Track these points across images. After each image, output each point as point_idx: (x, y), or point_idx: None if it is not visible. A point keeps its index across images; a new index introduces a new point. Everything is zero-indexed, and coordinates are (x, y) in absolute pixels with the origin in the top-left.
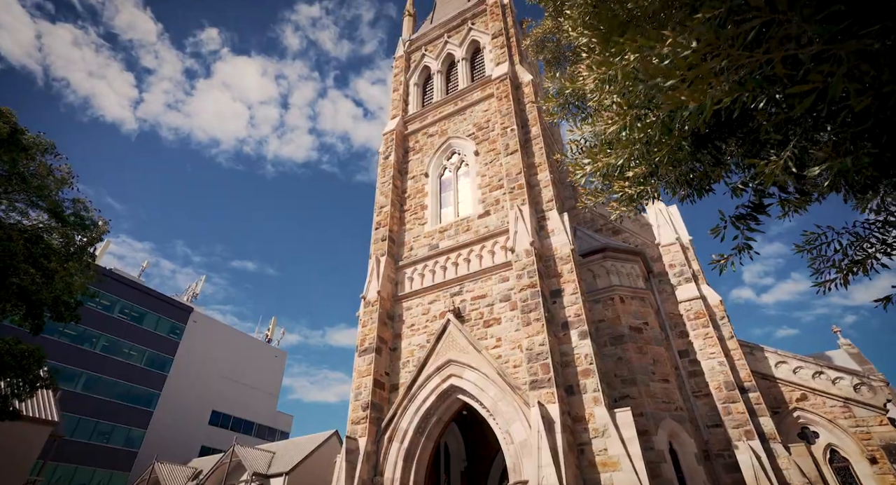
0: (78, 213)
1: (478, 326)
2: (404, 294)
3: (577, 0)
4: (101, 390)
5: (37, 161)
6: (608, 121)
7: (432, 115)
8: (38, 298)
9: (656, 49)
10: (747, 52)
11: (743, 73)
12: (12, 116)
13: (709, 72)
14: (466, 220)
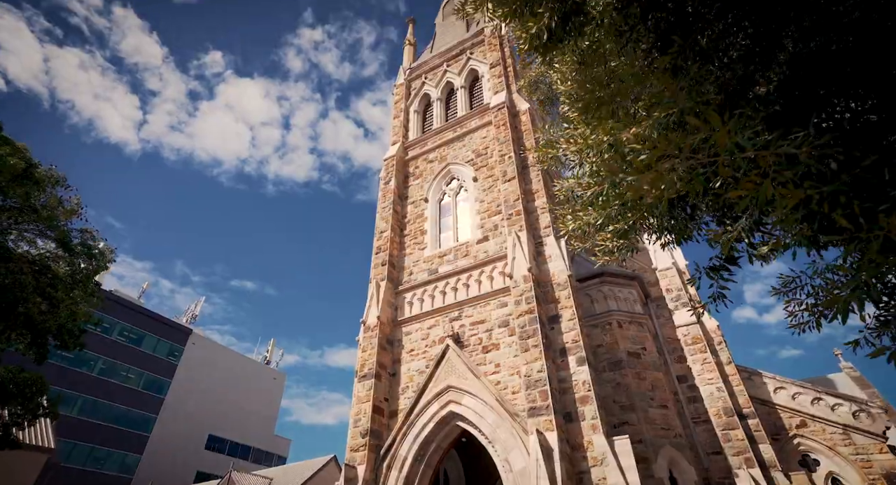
0: (85, 242)
1: (477, 351)
2: (404, 319)
3: (565, 57)
4: (98, 415)
5: (47, 192)
6: (586, 187)
7: (432, 142)
8: (44, 326)
9: (623, 135)
10: (694, 155)
11: (692, 171)
12: (27, 152)
13: (664, 171)
14: (465, 245)
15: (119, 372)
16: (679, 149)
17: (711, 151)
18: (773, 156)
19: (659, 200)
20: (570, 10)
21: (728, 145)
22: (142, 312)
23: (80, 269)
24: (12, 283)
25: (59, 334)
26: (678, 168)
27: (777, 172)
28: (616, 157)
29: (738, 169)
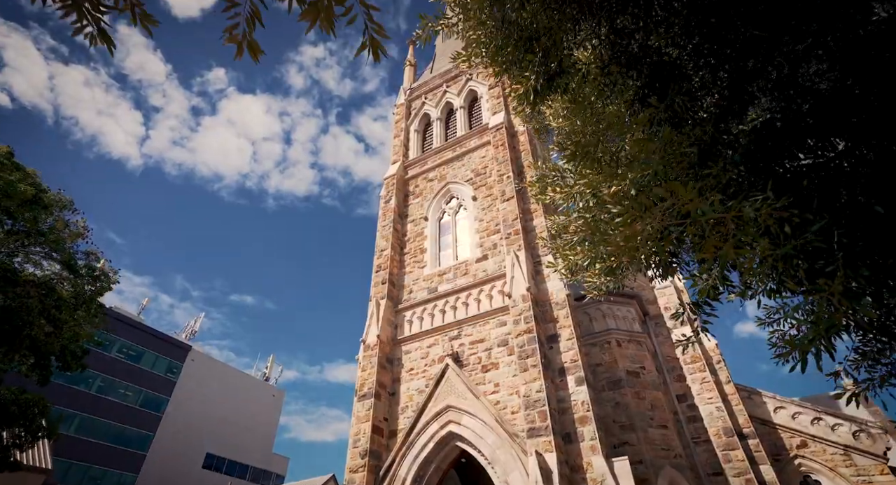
0: (90, 264)
1: (476, 370)
2: (403, 338)
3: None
4: (95, 433)
5: (55, 215)
6: (573, 232)
7: (432, 161)
8: (47, 348)
9: (604, 188)
10: (666, 218)
11: (664, 231)
12: (37, 177)
13: (637, 231)
14: (465, 263)
15: (117, 389)
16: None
17: (683, 210)
18: (734, 220)
19: (636, 250)
20: (553, 72)
21: (694, 213)
22: (141, 329)
23: (84, 290)
24: (19, 306)
25: (61, 356)
26: (651, 228)
27: (739, 231)
28: (598, 211)
29: (704, 230)
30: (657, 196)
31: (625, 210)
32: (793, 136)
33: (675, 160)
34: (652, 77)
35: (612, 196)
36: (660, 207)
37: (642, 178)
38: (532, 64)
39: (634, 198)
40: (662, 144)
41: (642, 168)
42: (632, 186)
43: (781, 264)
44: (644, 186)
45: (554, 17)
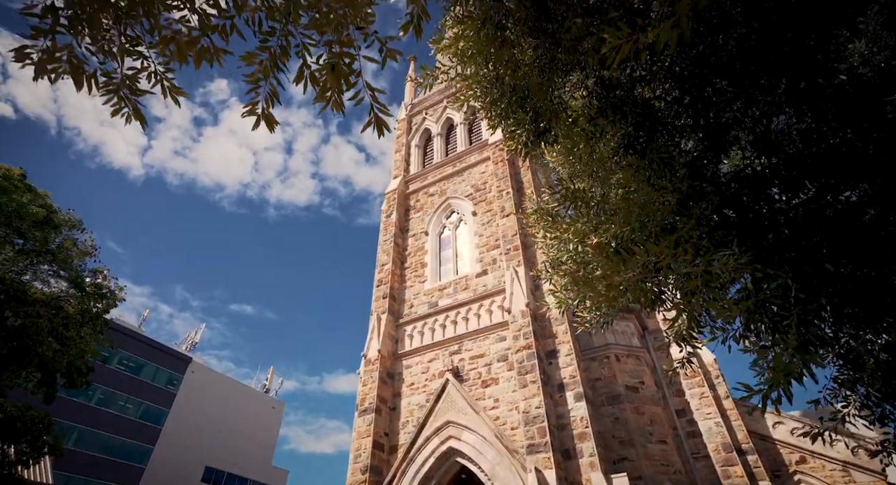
0: (97, 282)
1: (476, 386)
2: (404, 352)
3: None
4: (94, 446)
5: (64, 234)
6: (563, 272)
7: (432, 176)
8: (54, 366)
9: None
10: (644, 271)
11: (640, 283)
12: (47, 198)
13: (616, 283)
14: (465, 278)
15: (117, 402)
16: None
17: (657, 265)
18: (702, 275)
19: (616, 299)
20: (542, 129)
21: (665, 270)
22: (142, 341)
23: (90, 307)
24: (30, 326)
25: (67, 373)
26: (628, 280)
27: (706, 287)
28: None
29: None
30: (632, 253)
31: (605, 264)
32: (762, 185)
33: (655, 209)
34: (637, 125)
35: (596, 247)
36: (637, 261)
37: (622, 232)
38: (523, 122)
39: (615, 252)
40: (641, 200)
41: (622, 224)
42: (613, 240)
43: (744, 317)
44: (624, 239)
45: (545, 72)
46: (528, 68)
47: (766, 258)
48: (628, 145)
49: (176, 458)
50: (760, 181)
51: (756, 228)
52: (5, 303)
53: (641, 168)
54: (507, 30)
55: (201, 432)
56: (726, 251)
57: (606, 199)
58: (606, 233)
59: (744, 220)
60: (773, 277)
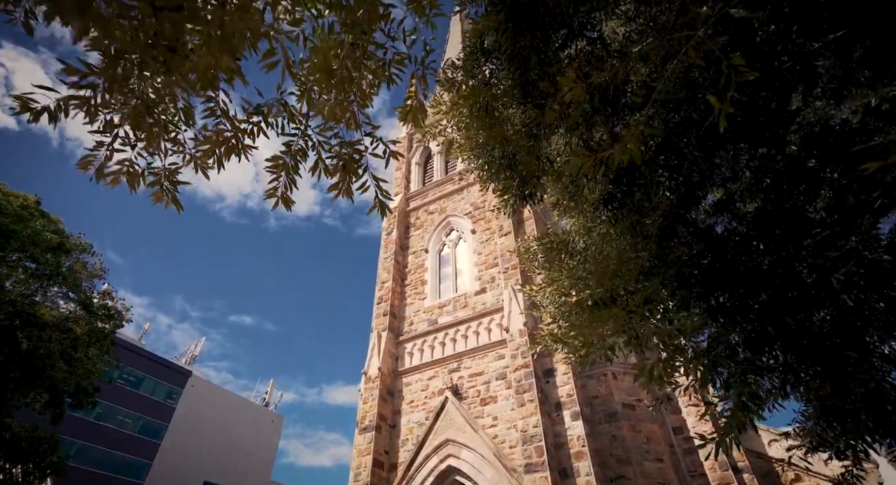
0: (105, 304)
1: (475, 404)
2: (404, 370)
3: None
4: (92, 462)
5: (74, 257)
6: (548, 317)
7: (432, 194)
8: (62, 387)
9: (570, 296)
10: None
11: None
12: (60, 223)
13: (591, 338)
14: (464, 296)
15: (116, 416)
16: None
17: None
18: (665, 334)
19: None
20: (527, 195)
21: (629, 331)
22: (142, 355)
23: (98, 328)
24: (41, 350)
25: (75, 394)
26: (603, 334)
27: (667, 344)
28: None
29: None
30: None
31: (581, 323)
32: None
33: (630, 265)
34: (616, 180)
35: (575, 305)
36: (613, 315)
37: (596, 293)
38: (510, 188)
39: (591, 309)
40: (615, 259)
41: (596, 285)
42: (590, 299)
43: (700, 371)
44: (599, 299)
45: (532, 136)
46: (516, 136)
47: (726, 316)
48: (608, 200)
49: (175, 473)
50: (724, 241)
51: (718, 286)
52: (18, 328)
53: (620, 220)
54: (496, 110)
55: (200, 447)
56: (684, 313)
57: (588, 250)
58: (585, 291)
59: (707, 278)
60: (724, 335)
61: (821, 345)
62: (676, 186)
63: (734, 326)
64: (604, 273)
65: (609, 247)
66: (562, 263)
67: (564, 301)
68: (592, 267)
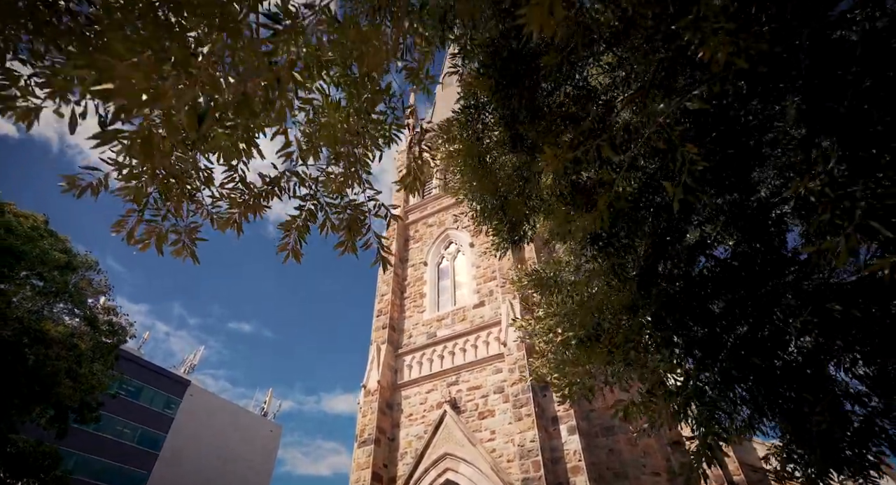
0: (110, 320)
1: (473, 417)
2: (403, 383)
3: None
4: (90, 473)
5: (79, 274)
6: (537, 355)
7: (431, 207)
8: (68, 403)
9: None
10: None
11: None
12: (67, 242)
13: (573, 377)
14: (463, 309)
15: (115, 427)
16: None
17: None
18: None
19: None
20: (516, 239)
21: (608, 377)
22: (141, 364)
23: (102, 343)
24: (48, 367)
25: (79, 409)
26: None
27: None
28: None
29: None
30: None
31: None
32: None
33: (612, 305)
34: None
35: (560, 344)
36: (593, 356)
37: (578, 334)
38: (501, 232)
39: (577, 346)
40: (602, 294)
41: (579, 327)
42: (573, 338)
43: (672, 411)
44: (584, 336)
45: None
46: (508, 179)
47: (702, 352)
48: (594, 239)
49: (173, 483)
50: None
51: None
52: (27, 345)
53: (605, 258)
54: (489, 160)
55: (199, 457)
56: (664, 351)
57: (574, 286)
58: (570, 332)
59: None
60: (695, 375)
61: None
62: (657, 225)
63: (705, 366)
64: (588, 311)
65: (593, 285)
66: (551, 297)
67: (550, 338)
68: (577, 307)
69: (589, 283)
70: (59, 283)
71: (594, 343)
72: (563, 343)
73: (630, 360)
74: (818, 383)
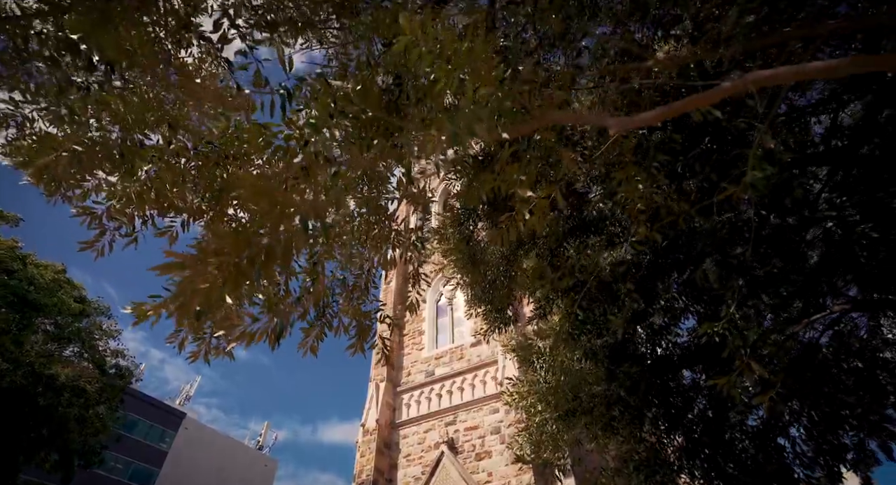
0: (117, 363)
1: (470, 458)
2: (401, 422)
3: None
4: None
5: (91, 319)
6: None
7: (430, 246)
8: (73, 447)
9: (538, 407)
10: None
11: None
12: (83, 289)
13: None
14: (461, 347)
15: (108, 462)
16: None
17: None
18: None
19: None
20: (501, 325)
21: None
22: (138, 397)
23: (108, 386)
24: (60, 416)
25: (84, 453)
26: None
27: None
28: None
29: None
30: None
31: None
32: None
33: (587, 383)
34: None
35: (537, 426)
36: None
37: (553, 416)
38: (490, 315)
39: (555, 422)
40: (576, 377)
41: (555, 408)
42: (550, 419)
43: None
44: (563, 411)
45: (507, 258)
46: (495, 265)
47: (665, 427)
48: (569, 320)
49: None
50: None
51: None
52: (41, 394)
53: (580, 336)
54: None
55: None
56: (627, 428)
57: (554, 362)
58: (544, 414)
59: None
60: (659, 452)
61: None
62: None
63: (669, 440)
64: (563, 395)
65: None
66: (533, 375)
67: (532, 413)
68: (554, 385)
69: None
70: (72, 330)
71: (571, 418)
72: (539, 425)
73: (606, 428)
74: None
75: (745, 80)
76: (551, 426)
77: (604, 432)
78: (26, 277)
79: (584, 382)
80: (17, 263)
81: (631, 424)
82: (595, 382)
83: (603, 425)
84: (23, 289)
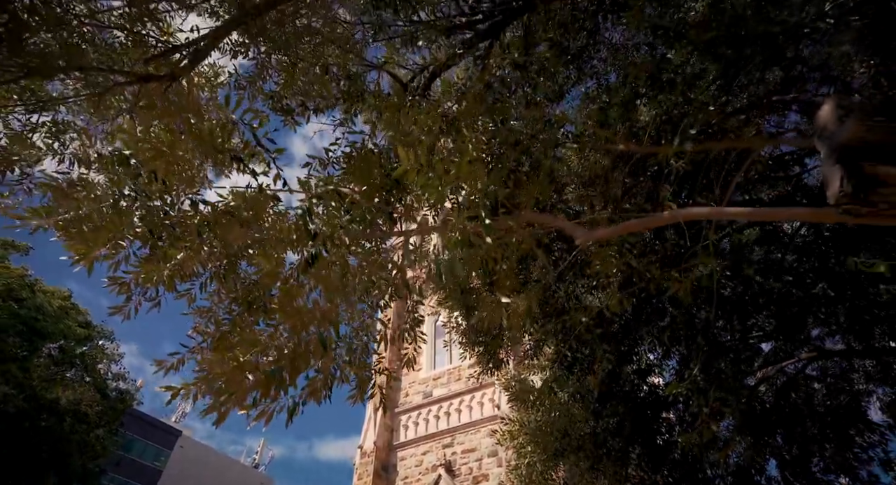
0: (118, 387)
1: (468, 481)
2: (399, 443)
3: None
4: None
5: (94, 343)
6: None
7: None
8: (73, 470)
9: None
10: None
11: None
12: (88, 315)
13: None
14: (458, 369)
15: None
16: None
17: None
18: None
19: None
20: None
21: None
22: (133, 415)
23: (109, 410)
24: (61, 438)
25: (83, 477)
26: None
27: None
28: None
29: None
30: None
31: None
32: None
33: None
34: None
35: (526, 467)
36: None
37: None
38: (483, 357)
39: (550, 460)
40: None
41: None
42: (538, 461)
43: None
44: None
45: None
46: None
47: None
48: (560, 360)
49: None
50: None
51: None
52: (44, 419)
53: (569, 377)
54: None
55: None
56: (614, 465)
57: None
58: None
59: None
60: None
61: None
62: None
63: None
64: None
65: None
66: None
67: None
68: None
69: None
70: (76, 355)
71: (559, 458)
72: (529, 466)
73: (593, 468)
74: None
75: (675, 214)
76: (540, 467)
77: (591, 472)
78: (35, 306)
79: (572, 420)
80: (25, 292)
81: (616, 463)
82: (583, 420)
83: (591, 464)
84: (31, 318)
